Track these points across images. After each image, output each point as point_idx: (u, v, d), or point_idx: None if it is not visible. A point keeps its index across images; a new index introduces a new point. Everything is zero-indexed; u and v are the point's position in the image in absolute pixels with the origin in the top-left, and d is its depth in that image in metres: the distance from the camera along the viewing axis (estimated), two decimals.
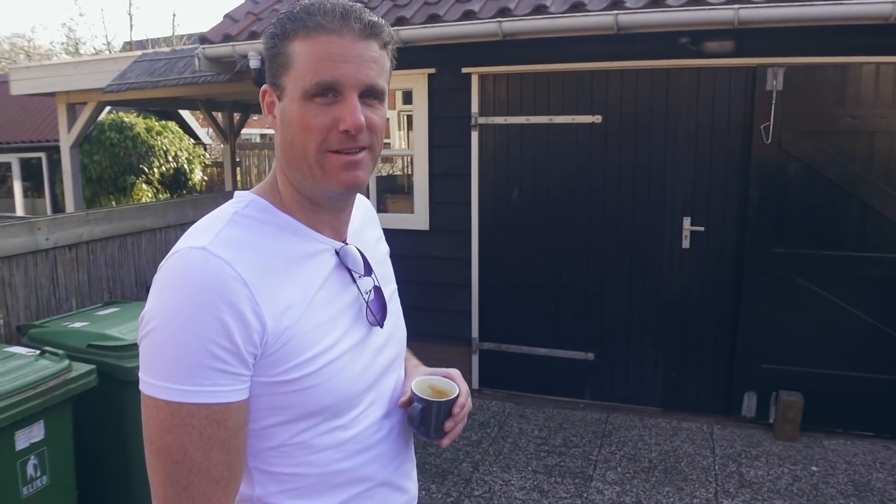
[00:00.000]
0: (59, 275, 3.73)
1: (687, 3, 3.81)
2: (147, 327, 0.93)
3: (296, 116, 0.99)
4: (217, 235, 0.97)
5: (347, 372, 1.05)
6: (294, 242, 1.05)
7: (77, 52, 23.87)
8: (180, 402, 0.89)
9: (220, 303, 0.90)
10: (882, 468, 3.84)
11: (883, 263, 4.05)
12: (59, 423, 2.66)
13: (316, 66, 0.97)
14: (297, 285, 1.01)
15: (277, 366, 0.97)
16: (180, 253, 0.95)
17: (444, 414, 1.17)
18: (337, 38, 0.98)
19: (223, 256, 0.93)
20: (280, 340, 0.96)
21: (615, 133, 4.45)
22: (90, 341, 2.94)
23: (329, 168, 1.01)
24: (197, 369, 0.89)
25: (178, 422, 0.90)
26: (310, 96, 0.98)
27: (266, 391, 0.98)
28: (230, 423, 0.93)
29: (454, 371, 1.28)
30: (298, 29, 0.99)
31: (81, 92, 7.46)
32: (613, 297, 4.62)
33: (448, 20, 4.32)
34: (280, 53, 1.00)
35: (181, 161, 12.27)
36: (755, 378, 4.34)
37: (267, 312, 0.94)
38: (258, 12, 5.15)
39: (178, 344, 0.89)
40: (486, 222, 4.84)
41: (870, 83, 3.95)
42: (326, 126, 0.98)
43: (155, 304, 0.93)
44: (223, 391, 0.91)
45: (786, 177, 4.15)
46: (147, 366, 0.92)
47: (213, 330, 0.89)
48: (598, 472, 3.85)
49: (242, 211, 1.04)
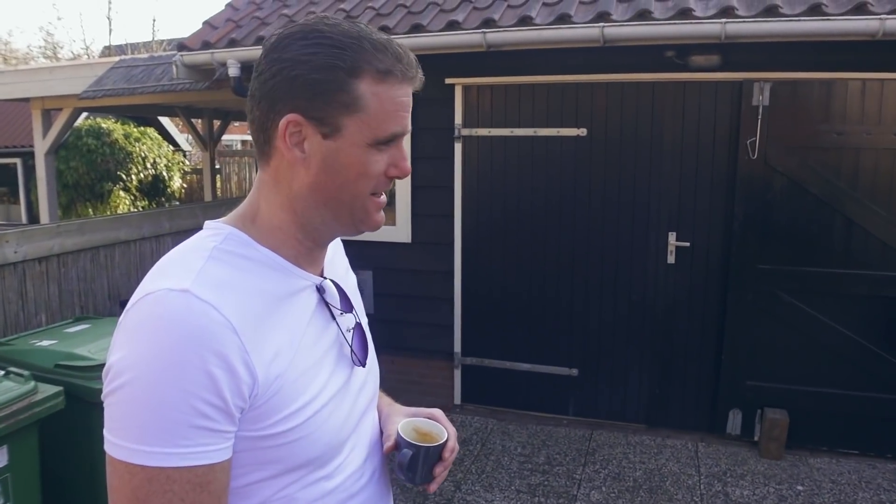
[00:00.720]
0: (28, 289, 3.61)
1: (673, 16, 3.77)
2: (117, 381, 0.81)
3: (357, 162, 0.93)
4: (199, 275, 0.86)
5: (334, 419, 0.97)
6: (277, 279, 0.95)
7: (55, 56, 23.57)
8: (160, 467, 0.79)
9: (207, 353, 0.80)
10: (867, 487, 3.80)
11: (868, 280, 4.03)
12: (23, 448, 2.54)
13: (393, 115, 0.93)
14: (284, 328, 0.92)
15: (265, 419, 0.87)
16: (156, 295, 0.84)
17: (432, 459, 1.10)
18: (407, 87, 0.95)
19: (208, 300, 0.83)
20: (270, 391, 0.87)
21: (600, 146, 4.41)
22: (58, 361, 2.83)
23: (370, 210, 0.98)
24: (179, 429, 0.79)
25: (157, 488, 0.79)
26: (378, 144, 0.93)
27: (250, 446, 0.88)
28: (213, 486, 0.83)
29: (437, 411, 1.20)
30: (371, 69, 0.90)
31: (57, 98, 7.32)
32: (598, 313, 4.57)
33: (432, 30, 4.25)
34: (343, 90, 0.90)
35: (160, 168, 12.12)
36: (740, 395, 4.30)
37: (257, 362, 0.85)
38: (238, 19, 5.06)
39: (158, 401, 0.79)
40: (469, 235, 4.77)
41: (855, 99, 3.93)
42: (382, 171, 0.96)
43: (127, 355, 0.82)
44: (207, 451, 0.82)
45: (771, 192, 4.12)
46: (118, 426, 0.81)
47: (200, 384, 0.79)
48: (583, 491, 3.78)
49: (221, 245, 0.93)
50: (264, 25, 4.84)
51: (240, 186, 13.45)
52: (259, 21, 4.92)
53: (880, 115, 3.91)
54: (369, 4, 4.71)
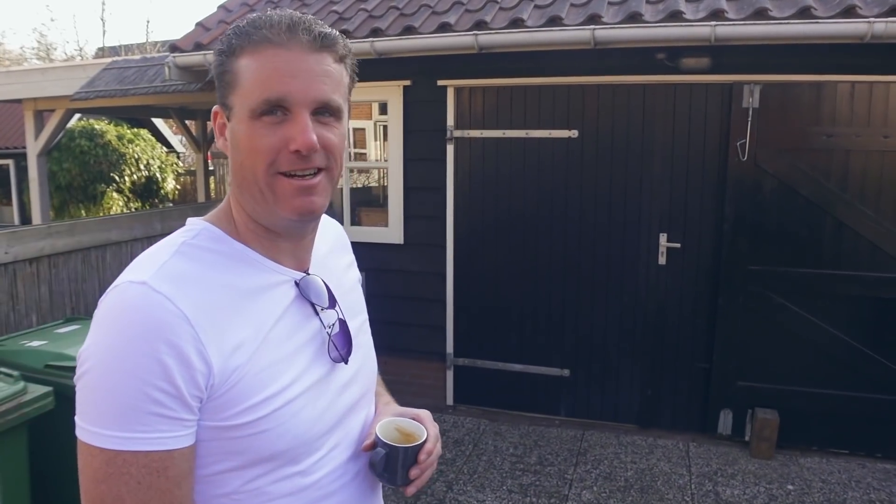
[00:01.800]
0: (19, 290, 3.60)
1: (664, 19, 3.79)
2: (82, 367, 0.86)
3: (244, 137, 0.93)
4: (160, 268, 0.89)
5: (305, 414, 0.97)
6: (247, 274, 0.97)
7: (48, 57, 23.49)
8: (116, 450, 0.82)
9: (158, 343, 0.83)
10: (857, 487, 3.82)
11: (857, 281, 4.05)
12: (13, 448, 2.54)
13: (263, 82, 0.90)
14: (250, 321, 0.93)
15: (226, 409, 0.89)
16: (119, 288, 0.88)
17: (410, 460, 1.09)
18: (284, 52, 0.91)
19: (164, 292, 0.86)
20: (229, 382, 0.88)
21: (591, 148, 4.42)
22: (48, 361, 2.83)
23: (280, 193, 0.94)
24: (134, 414, 0.82)
25: (114, 471, 0.83)
26: (257, 115, 0.91)
27: (215, 436, 0.90)
28: (172, 472, 0.85)
29: (424, 412, 1.20)
30: (244, 44, 0.92)
31: (49, 99, 7.30)
32: (589, 313, 4.58)
33: (423, 32, 4.26)
34: (227, 71, 0.94)
35: (153, 169, 12.10)
36: (731, 395, 4.32)
37: (213, 352, 0.87)
38: (230, 21, 5.06)
39: (114, 387, 0.82)
40: (462, 237, 4.78)
41: (845, 102, 3.96)
42: (275, 146, 0.91)
43: (91, 343, 0.86)
44: (163, 438, 0.84)
45: (762, 194, 4.14)
46: (82, 410, 0.85)
47: (152, 372, 0.82)
48: (574, 491, 3.79)
49: (191, 241, 0.96)
50: None
51: None
52: None
53: (869, 117, 3.94)
54: (362, 6, 4.72)
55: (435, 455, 1.14)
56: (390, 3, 4.65)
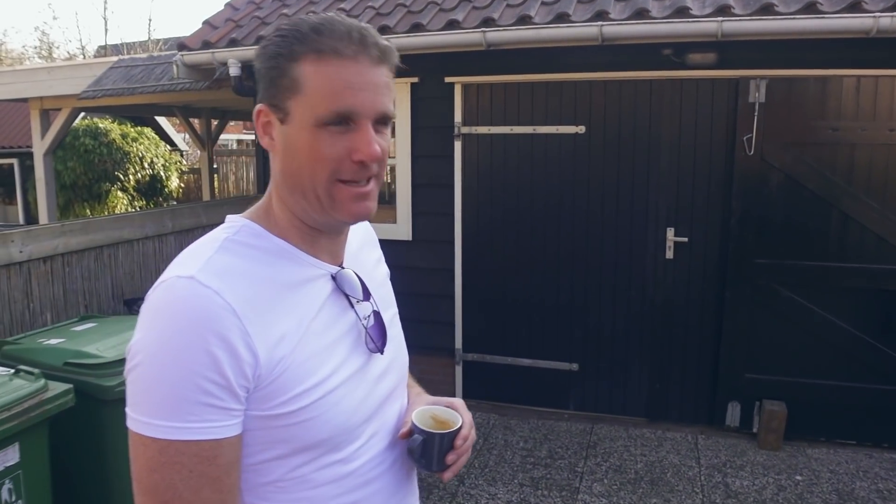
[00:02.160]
0: (34, 288, 3.64)
1: (671, 15, 3.82)
2: (133, 361, 0.89)
3: (305, 145, 0.95)
4: (206, 263, 0.92)
5: (345, 403, 1.01)
6: (288, 268, 1.00)
7: (50, 55, 23.51)
8: (169, 440, 0.86)
9: (208, 335, 0.86)
10: (865, 477, 3.86)
11: (864, 274, 4.08)
12: (34, 446, 2.57)
13: (333, 94, 0.93)
14: (292, 313, 0.97)
15: (272, 399, 0.93)
16: (167, 283, 0.91)
17: (446, 446, 1.13)
18: (353, 65, 0.94)
19: (212, 286, 0.89)
20: (274, 372, 0.92)
21: (599, 144, 4.45)
22: (67, 359, 2.86)
23: (339, 199, 0.97)
24: (185, 405, 0.85)
25: (167, 460, 0.86)
26: (323, 124, 0.93)
27: (261, 425, 0.94)
28: (221, 459, 0.89)
29: (458, 401, 1.24)
30: (307, 51, 0.94)
31: (55, 98, 7.33)
32: (598, 308, 4.61)
33: (432, 30, 4.29)
34: (285, 75, 0.95)
35: (157, 168, 12.12)
36: (738, 388, 4.35)
37: (259, 344, 0.90)
38: (238, 19, 5.09)
39: (166, 379, 0.85)
40: (470, 233, 4.81)
41: (850, 96, 3.98)
42: (339, 156, 0.95)
43: (141, 337, 0.89)
44: (213, 427, 0.88)
45: (768, 188, 4.17)
46: (134, 401, 0.89)
47: (202, 364, 0.86)
48: (585, 484, 3.83)
49: (233, 237, 0.99)
50: (264, 25, 4.87)
51: (237, 186, 13.46)
52: (259, 21, 4.95)
53: (875, 111, 3.97)
54: (369, 4, 4.74)
55: (470, 441, 1.17)
56: (398, 1, 4.68)
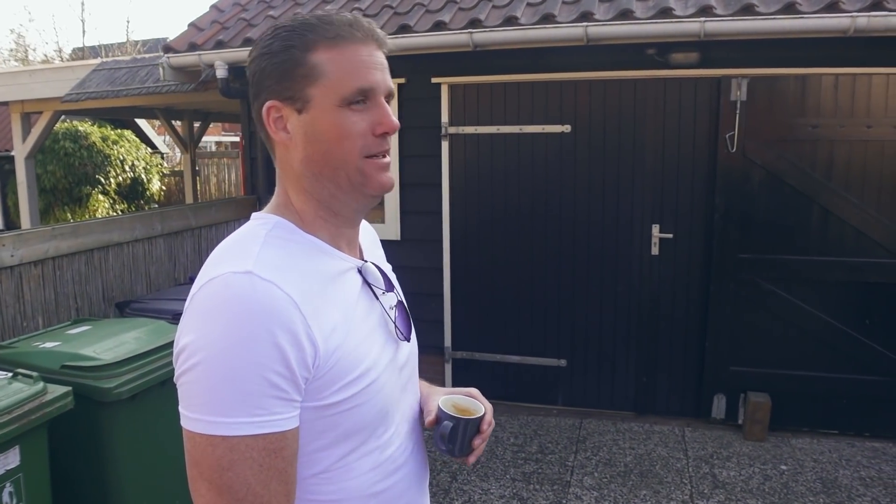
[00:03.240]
0: (25, 292, 3.63)
1: (654, 15, 3.89)
2: (191, 360, 0.88)
3: (333, 125, 0.99)
4: (258, 257, 0.93)
5: (387, 390, 1.06)
6: (324, 261, 1.03)
7: (26, 58, 23.22)
8: (240, 436, 0.86)
9: (275, 328, 0.87)
10: (847, 465, 3.96)
11: (844, 267, 4.19)
12: (35, 449, 2.58)
13: (353, 73, 0.99)
14: (337, 304, 1.00)
15: (326, 388, 0.95)
16: (221, 279, 0.91)
17: (471, 432, 1.18)
18: (364, 48, 1.01)
19: (271, 279, 0.90)
20: (329, 362, 0.94)
21: (584, 142, 4.52)
22: (64, 361, 2.86)
23: (369, 172, 1.02)
24: (254, 399, 0.86)
25: (239, 456, 0.87)
26: (347, 103, 0.99)
27: (313, 416, 0.95)
28: (286, 451, 0.91)
29: (474, 390, 1.29)
30: (321, 38, 0.99)
31: (37, 101, 7.27)
32: (585, 304, 4.68)
33: (418, 31, 4.33)
34: (300, 65, 0.99)
35: (138, 170, 12.02)
36: (724, 380, 4.44)
37: (318, 335, 0.92)
38: (224, 21, 5.09)
39: (233, 374, 0.86)
40: (458, 232, 4.86)
41: (829, 94, 4.08)
42: (364, 132, 1.00)
43: (199, 336, 0.88)
44: (280, 420, 0.89)
45: (750, 184, 4.26)
46: (196, 402, 0.88)
47: (270, 357, 0.87)
48: (576, 477, 3.89)
49: (273, 232, 1.01)
50: (251, 27, 4.89)
51: (219, 188, 13.39)
52: (245, 23, 4.96)
53: (852, 108, 4.07)
54: (356, 6, 4.77)
55: (492, 426, 1.23)
56: (384, 3, 4.72)
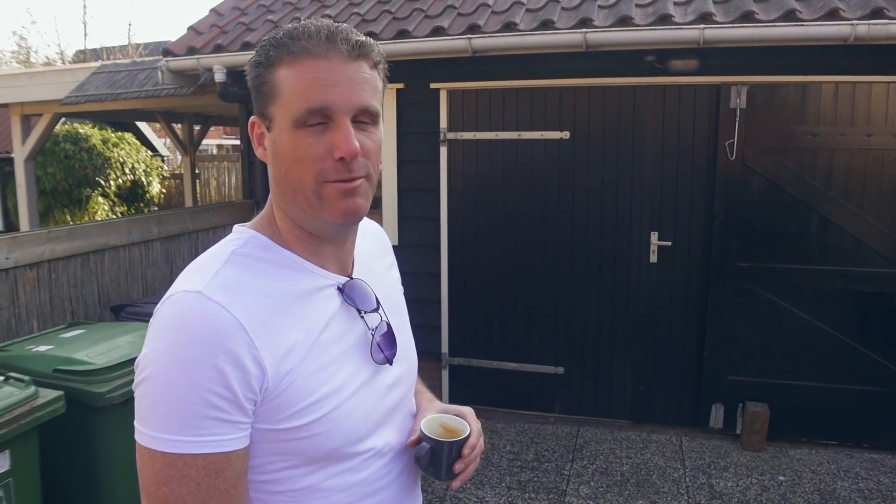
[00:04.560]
0: (20, 295, 3.62)
1: (654, 22, 3.88)
2: (141, 374, 0.90)
3: (288, 147, 0.95)
4: (213, 277, 0.93)
5: (354, 416, 1.01)
6: (296, 280, 1.01)
7: (28, 60, 23.26)
8: (177, 454, 0.87)
9: (216, 350, 0.87)
10: (846, 476, 3.93)
11: (843, 276, 4.16)
12: (25, 453, 2.56)
13: (304, 91, 0.93)
14: (300, 325, 0.97)
15: (280, 412, 0.93)
16: (175, 297, 0.92)
17: (455, 454, 1.12)
18: (324, 62, 0.94)
19: (218, 300, 0.90)
20: (281, 385, 0.92)
21: (583, 149, 4.50)
22: (56, 365, 2.84)
23: (327, 198, 0.96)
24: (193, 419, 0.86)
25: (175, 473, 0.87)
26: (300, 124, 0.94)
27: (270, 437, 0.94)
28: (228, 472, 0.90)
29: (467, 409, 1.24)
30: (283, 55, 0.95)
31: (37, 103, 7.26)
32: (583, 312, 4.66)
33: (417, 36, 4.32)
34: (265, 82, 0.97)
35: (138, 173, 12.02)
36: (722, 390, 4.41)
37: (266, 357, 0.91)
38: (223, 25, 5.09)
39: (173, 393, 0.86)
40: (456, 237, 4.84)
41: (829, 102, 4.06)
42: (320, 155, 0.94)
43: (150, 352, 0.90)
44: (221, 440, 0.88)
45: (750, 192, 4.24)
46: (142, 416, 0.89)
47: (209, 378, 0.86)
48: (572, 486, 3.86)
49: (241, 249, 1.00)
50: (249, 31, 4.88)
51: (219, 191, 13.39)
52: (244, 27, 4.95)
53: (853, 116, 4.05)
54: (355, 10, 4.77)
55: (478, 450, 1.16)
56: (383, 7, 4.71)
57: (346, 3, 4.94)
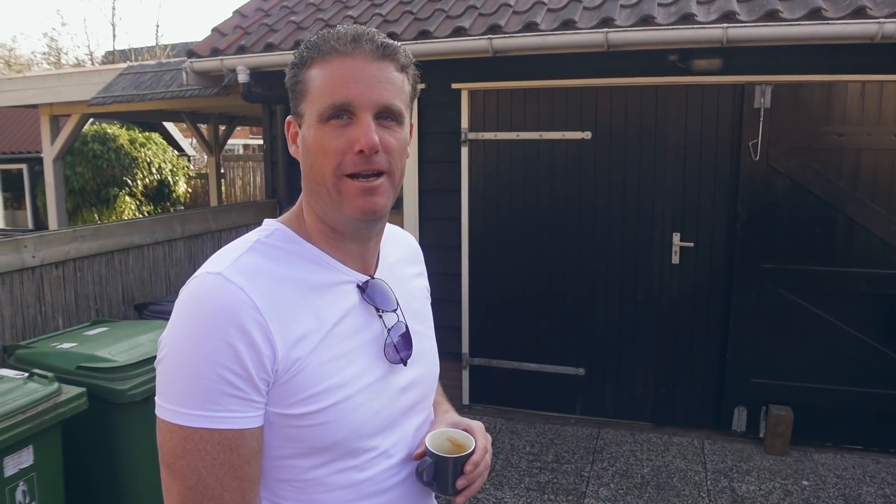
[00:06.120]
0: (46, 293, 3.68)
1: (676, 21, 3.84)
2: (162, 351, 0.94)
3: (313, 141, 1.00)
4: (235, 262, 0.97)
5: (362, 410, 1.03)
6: (315, 272, 1.04)
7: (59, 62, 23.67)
8: (193, 427, 0.90)
9: (228, 327, 0.90)
10: (871, 482, 3.87)
11: (869, 278, 4.09)
12: (48, 449, 2.60)
13: (329, 87, 0.99)
14: (314, 315, 1.00)
15: (288, 397, 0.96)
16: (198, 278, 0.96)
17: (458, 470, 1.10)
18: (349, 60, 0.99)
19: (237, 282, 0.94)
20: (291, 371, 0.95)
21: (605, 149, 4.48)
22: (80, 363, 2.89)
23: (346, 193, 1.00)
24: (209, 394, 0.90)
25: (192, 447, 0.90)
26: (325, 119, 0.99)
27: (278, 422, 0.97)
28: (243, 449, 0.93)
29: (476, 424, 1.22)
30: (314, 55, 1.01)
31: (65, 104, 7.39)
32: (604, 312, 4.63)
33: (438, 36, 4.32)
34: (299, 81, 1.03)
35: (165, 173, 12.18)
36: (745, 392, 4.36)
37: (278, 341, 0.94)
38: (246, 26, 5.13)
39: (190, 368, 0.90)
40: (477, 238, 4.84)
41: (855, 101, 4.00)
42: (342, 148, 0.98)
43: (170, 330, 0.94)
44: (235, 417, 0.91)
45: (774, 193, 4.19)
46: (162, 390, 0.93)
47: (224, 355, 0.90)
48: (591, 488, 3.84)
49: (265, 239, 1.04)
50: (273, 32, 4.92)
51: (244, 191, 13.50)
52: (267, 28, 4.99)
53: (880, 116, 3.98)
54: (376, 11, 4.79)
55: (483, 466, 1.14)
56: (405, 8, 4.72)
57: (369, 4, 4.96)
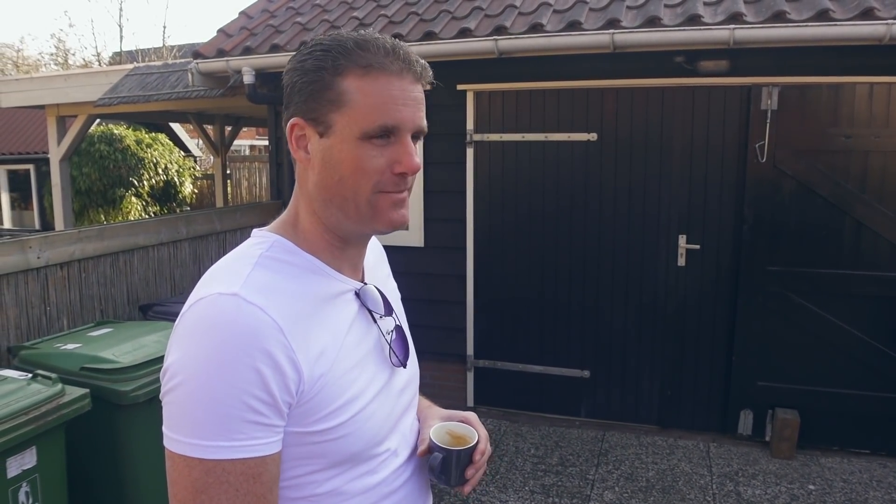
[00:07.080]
0: (51, 294, 3.68)
1: (683, 23, 3.82)
2: (173, 381, 0.87)
3: (349, 157, 0.96)
4: (247, 280, 0.92)
5: (377, 417, 1.03)
6: (321, 284, 1.01)
7: (66, 62, 23.75)
8: (216, 460, 0.85)
9: (255, 352, 0.86)
10: (879, 486, 3.84)
11: (877, 281, 4.06)
12: (51, 450, 2.60)
13: (379, 108, 0.95)
14: (328, 329, 0.98)
15: (311, 415, 0.93)
16: (208, 300, 0.90)
17: (464, 461, 1.15)
18: (398, 81, 0.96)
19: (257, 302, 0.89)
20: (314, 388, 0.92)
21: (611, 151, 4.46)
22: (83, 364, 2.89)
23: (379, 208, 0.99)
24: (233, 423, 0.85)
25: (214, 480, 0.85)
26: (368, 137, 0.95)
27: (298, 441, 0.94)
28: (266, 477, 0.89)
29: (471, 415, 1.25)
30: (353, 65, 0.95)
31: (72, 105, 7.41)
32: (609, 315, 4.61)
33: (444, 38, 4.32)
34: (329, 88, 0.96)
35: (171, 173, 12.21)
36: (751, 396, 4.34)
37: (302, 360, 0.91)
38: (252, 27, 5.13)
39: (212, 398, 0.84)
40: (481, 239, 4.83)
41: (863, 103, 3.97)
42: (381, 168, 0.96)
43: (181, 356, 0.88)
44: (259, 444, 0.87)
45: (781, 195, 4.16)
46: (175, 423, 0.87)
47: (250, 381, 0.85)
48: (596, 491, 3.82)
49: (268, 253, 1.00)
50: (278, 33, 4.91)
51: (250, 192, 13.53)
52: (273, 29, 4.99)
53: (888, 118, 3.95)
54: (382, 12, 4.78)
55: (486, 455, 1.19)
56: (410, 9, 4.71)
57: (374, 5, 4.96)
